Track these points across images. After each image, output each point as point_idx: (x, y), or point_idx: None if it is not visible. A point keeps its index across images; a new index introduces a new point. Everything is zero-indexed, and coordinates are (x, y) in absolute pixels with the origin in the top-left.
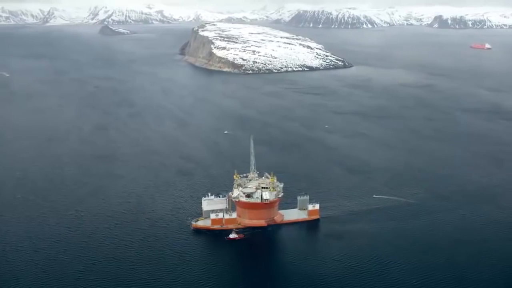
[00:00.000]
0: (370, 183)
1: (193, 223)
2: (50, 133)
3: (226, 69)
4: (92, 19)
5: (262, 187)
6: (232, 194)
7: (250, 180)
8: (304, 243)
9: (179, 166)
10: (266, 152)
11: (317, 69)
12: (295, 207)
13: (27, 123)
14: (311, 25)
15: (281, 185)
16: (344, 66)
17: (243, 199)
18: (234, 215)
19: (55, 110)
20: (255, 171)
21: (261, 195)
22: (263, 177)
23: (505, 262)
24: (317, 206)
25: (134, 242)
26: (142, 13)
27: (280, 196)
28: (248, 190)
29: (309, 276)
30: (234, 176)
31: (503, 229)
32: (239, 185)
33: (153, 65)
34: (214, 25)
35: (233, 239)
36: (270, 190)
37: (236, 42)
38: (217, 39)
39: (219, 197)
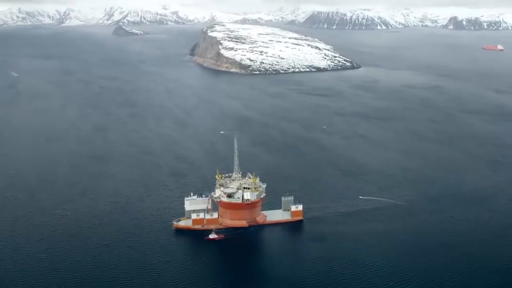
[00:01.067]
0: (361, 185)
1: (175, 223)
2: (49, 133)
3: (233, 70)
4: (108, 19)
5: (244, 188)
6: (214, 194)
7: (233, 180)
8: (284, 245)
9: (171, 166)
10: (261, 152)
11: (324, 70)
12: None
13: (27, 123)
14: (325, 26)
15: (264, 186)
16: (352, 67)
17: (225, 199)
18: (215, 215)
19: (58, 110)
20: (239, 171)
21: (243, 196)
22: (246, 177)
23: (487, 266)
24: (300, 207)
25: (116, 241)
26: (157, 14)
27: (262, 196)
28: (229, 190)
29: (286, 278)
30: (216, 176)
31: (489, 232)
32: (221, 185)
33: (161, 66)
34: (223, 25)
35: (213, 240)
36: (251, 191)
37: (244, 43)
38: (225, 39)
39: (202, 197)
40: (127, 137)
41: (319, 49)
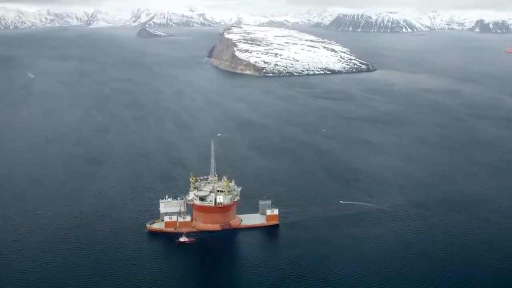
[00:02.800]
0: (351, 190)
1: (148, 225)
2: (50, 134)
3: (247, 72)
4: (134, 21)
5: (218, 191)
6: (188, 196)
7: (208, 183)
8: (255, 249)
9: (163, 169)
10: (255, 156)
11: (339, 72)
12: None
13: (31, 124)
14: (350, 29)
15: (239, 189)
16: (368, 70)
17: (197, 202)
18: (188, 218)
19: (64, 111)
20: (215, 174)
21: (215, 199)
22: (222, 181)
23: (463, 274)
24: (276, 211)
25: (89, 243)
26: (183, 16)
27: (236, 200)
28: (202, 193)
29: (253, 284)
30: (190, 178)
31: (471, 239)
32: (195, 187)
33: (177, 68)
34: (240, 27)
35: (183, 243)
36: (225, 194)
37: (259, 45)
38: (240, 41)
39: (177, 199)
40: (126, 139)
41: (335, 51)
